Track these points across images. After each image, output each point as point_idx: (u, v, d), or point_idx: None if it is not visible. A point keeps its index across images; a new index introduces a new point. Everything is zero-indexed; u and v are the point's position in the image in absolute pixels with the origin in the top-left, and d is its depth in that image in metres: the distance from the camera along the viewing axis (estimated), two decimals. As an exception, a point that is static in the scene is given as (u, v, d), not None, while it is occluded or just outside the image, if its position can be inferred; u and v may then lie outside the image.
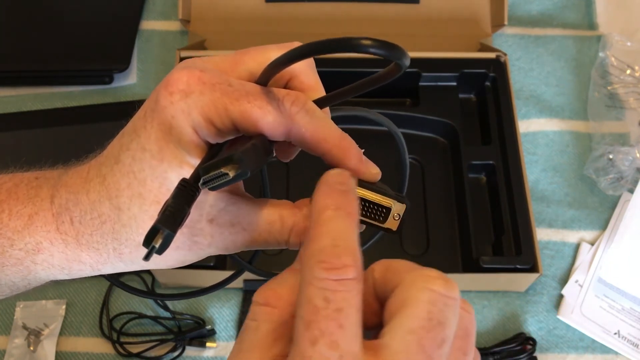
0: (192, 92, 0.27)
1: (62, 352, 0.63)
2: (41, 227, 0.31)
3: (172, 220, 0.24)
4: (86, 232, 0.31)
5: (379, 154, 0.36)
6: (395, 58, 0.23)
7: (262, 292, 0.25)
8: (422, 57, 0.73)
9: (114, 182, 0.29)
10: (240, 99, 0.27)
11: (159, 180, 0.28)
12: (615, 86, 0.77)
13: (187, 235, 0.29)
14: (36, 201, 0.31)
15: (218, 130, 0.27)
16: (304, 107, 0.28)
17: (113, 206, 0.29)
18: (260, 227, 0.30)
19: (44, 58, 0.78)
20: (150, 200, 0.28)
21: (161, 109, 0.27)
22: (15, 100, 0.77)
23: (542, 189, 0.72)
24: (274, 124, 0.27)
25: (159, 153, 0.28)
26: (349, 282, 0.22)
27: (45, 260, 0.32)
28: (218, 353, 0.63)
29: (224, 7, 0.79)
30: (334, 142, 0.28)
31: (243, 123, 0.27)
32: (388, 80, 0.26)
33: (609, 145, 0.72)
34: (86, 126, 0.73)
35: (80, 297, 0.66)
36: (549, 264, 0.68)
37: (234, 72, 0.29)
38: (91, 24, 0.81)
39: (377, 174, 0.29)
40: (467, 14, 0.79)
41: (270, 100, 0.27)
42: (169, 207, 0.25)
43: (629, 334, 0.64)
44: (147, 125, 0.28)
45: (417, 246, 0.67)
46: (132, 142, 0.28)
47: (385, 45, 0.23)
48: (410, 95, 0.75)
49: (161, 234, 0.24)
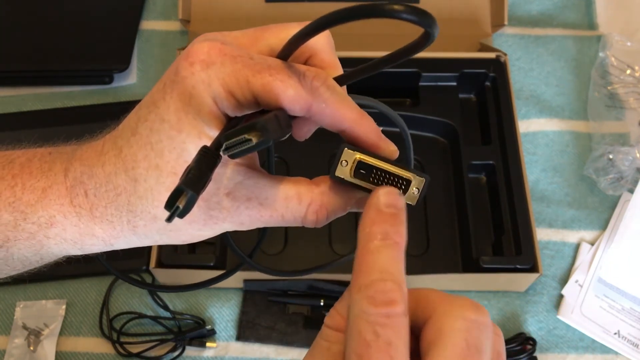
0: (214, 63, 0.27)
1: (62, 352, 0.63)
2: (55, 200, 0.31)
3: (197, 181, 0.24)
4: (100, 205, 0.30)
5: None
6: (426, 25, 0.23)
7: (333, 317, 0.26)
8: (422, 57, 0.73)
9: (131, 154, 0.29)
10: (262, 72, 0.26)
11: (177, 151, 0.28)
12: (615, 86, 0.77)
13: (204, 209, 0.29)
14: (50, 175, 0.31)
15: (238, 103, 0.27)
16: (325, 83, 0.28)
17: (129, 178, 0.29)
18: (277, 202, 0.30)
19: (44, 58, 0.78)
20: (167, 172, 0.28)
21: (181, 79, 0.27)
22: (15, 100, 0.77)
23: (542, 189, 0.72)
24: (296, 97, 0.27)
25: (177, 123, 0.27)
26: (397, 317, 0.23)
27: (58, 234, 0.32)
28: (218, 353, 0.63)
29: (224, 7, 0.79)
30: (354, 118, 0.28)
31: (264, 96, 0.27)
32: (419, 50, 0.25)
33: (609, 145, 0.72)
34: (86, 126, 0.72)
35: (80, 297, 0.66)
36: (549, 264, 0.68)
37: (254, 47, 0.29)
38: (91, 24, 0.81)
39: (395, 152, 0.29)
40: (467, 14, 0.79)
41: (292, 74, 0.27)
42: (192, 169, 0.24)
43: (629, 334, 0.64)
44: (166, 96, 0.28)
45: (417, 246, 0.67)
46: (151, 113, 0.28)
47: (416, 11, 0.22)
48: (410, 95, 0.75)
49: (185, 196, 0.24)
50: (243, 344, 0.63)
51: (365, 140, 0.29)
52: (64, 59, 0.78)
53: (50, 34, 0.80)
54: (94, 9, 0.82)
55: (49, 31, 0.80)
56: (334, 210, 0.30)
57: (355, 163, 0.28)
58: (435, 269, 0.65)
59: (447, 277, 0.64)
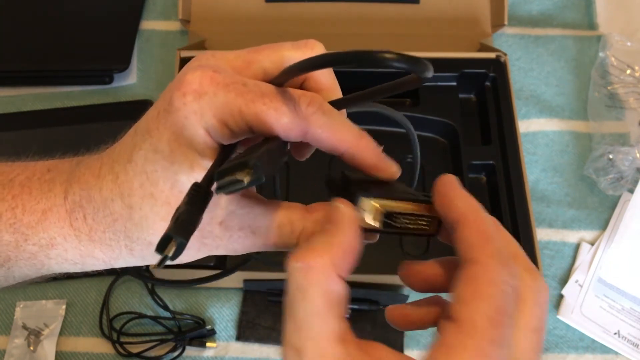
0: (206, 93, 0.26)
1: (62, 352, 0.63)
2: (55, 222, 0.31)
3: (185, 228, 0.24)
4: (99, 229, 0.31)
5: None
6: (419, 72, 0.23)
7: (300, 254, 0.24)
8: (422, 57, 0.73)
9: (127, 181, 0.29)
10: (255, 101, 0.26)
11: (171, 182, 0.28)
12: (615, 86, 0.77)
13: (197, 237, 0.29)
14: (50, 196, 0.31)
15: (232, 132, 0.27)
16: (320, 108, 0.27)
17: (125, 205, 0.29)
18: (269, 231, 0.30)
19: (44, 58, 0.78)
20: (161, 201, 0.28)
21: (174, 110, 0.27)
22: (15, 100, 0.77)
23: (542, 189, 0.72)
24: (290, 125, 0.27)
25: (170, 155, 0.27)
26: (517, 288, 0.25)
27: (59, 255, 0.32)
28: (218, 353, 0.63)
29: (224, 7, 0.79)
30: (351, 141, 0.28)
31: (258, 125, 0.27)
32: (408, 89, 0.26)
33: (609, 145, 0.72)
34: (86, 126, 0.73)
35: (80, 297, 0.66)
36: (549, 264, 0.68)
37: (248, 71, 0.29)
38: (91, 24, 0.81)
39: (396, 173, 0.29)
40: (467, 14, 0.79)
41: (285, 102, 0.27)
42: (181, 214, 0.24)
43: (629, 334, 0.64)
44: (159, 126, 0.28)
45: (417, 246, 0.67)
46: (145, 142, 0.28)
47: (410, 60, 0.22)
48: (410, 95, 0.75)
49: (174, 243, 0.24)
50: (243, 344, 0.63)
51: (365, 163, 0.28)
52: (64, 59, 0.78)
53: (50, 34, 0.80)
54: (94, 9, 0.82)
55: (49, 31, 0.80)
56: None
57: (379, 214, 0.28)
58: (435, 269, 0.65)
59: (447, 277, 0.64)
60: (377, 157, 0.29)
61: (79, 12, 0.82)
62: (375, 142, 0.29)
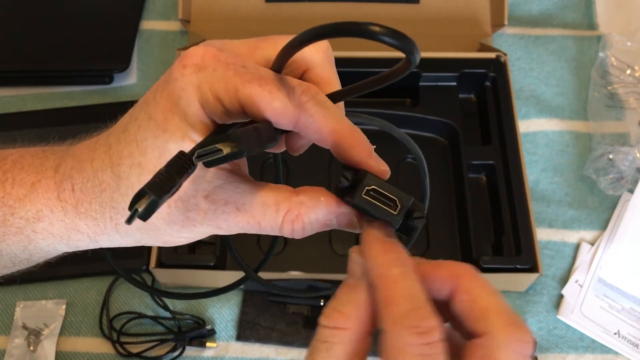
0: (205, 68, 0.27)
1: (62, 352, 0.63)
2: (42, 194, 0.31)
3: (160, 186, 0.24)
4: (85, 200, 0.31)
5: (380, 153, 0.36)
6: (405, 50, 0.23)
7: (329, 315, 0.26)
8: (422, 57, 0.73)
9: (118, 151, 0.29)
10: (251, 81, 0.27)
11: (159, 150, 0.28)
12: (615, 86, 0.77)
13: (182, 210, 0.29)
14: (41, 170, 0.32)
15: (225, 110, 0.27)
16: (314, 98, 0.27)
17: (114, 174, 0.29)
18: (254, 209, 0.29)
19: (44, 58, 0.78)
20: (148, 170, 0.28)
21: (172, 80, 0.27)
22: (15, 100, 0.77)
23: (542, 189, 0.72)
24: (281, 111, 0.27)
25: (163, 122, 0.28)
26: (439, 344, 0.23)
27: (45, 229, 0.32)
28: (218, 353, 0.63)
29: (224, 7, 0.79)
30: (343, 133, 0.28)
31: (251, 106, 0.27)
32: (400, 76, 0.25)
33: (609, 145, 0.72)
34: (86, 126, 0.73)
35: (80, 297, 0.66)
36: (549, 264, 0.68)
37: (251, 57, 0.29)
38: (91, 24, 0.81)
39: (387, 172, 0.29)
40: (467, 14, 0.79)
41: (281, 87, 0.27)
42: (159, 174, 0.24)
43: (629, 334, 0.64)
44: (157, 95, 0.28)
45: (417, 246, 0.67)
46: (141, 111, 0.29)
47: (396, 35, 0.22)
48: (410, 95, 0.75)
49: (146, 199, 0.23)
50: (243, 344, 0.63)
51: (355, 157, 0.28)
52: (64, 59, 0.78)
53: (50, 34, 0.80)
54: (94, 9, 0.82)
55: (49, 31, 0.80)
56: (311, 222, 0.29)
57: None
58: (435, 269, 0.65)
59: (447, 277, 0.64)
60: (368, 153, 0.28)
61: (79, 12, 0.82)
62: (367, 139, 0.28)
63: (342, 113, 0.29)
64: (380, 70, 0.27)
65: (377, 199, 0.27)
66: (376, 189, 0.27)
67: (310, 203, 0.29)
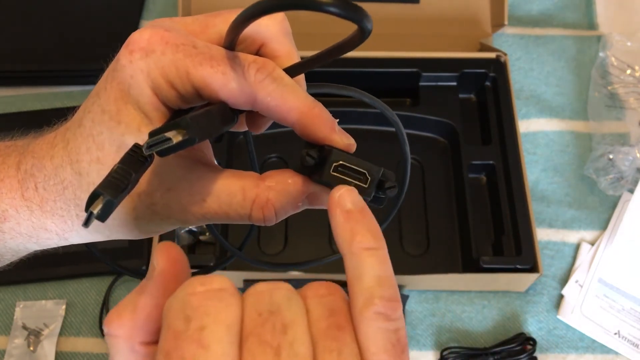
0: (153, 52, 0.25)
1: (62, 352, 0.63)
2: (6, 194, 0.30)
3: (114, 185, 0.23)
4: (50, 199, 0.30)
5: (380, 152, 0.36)
6: (355, 19, 0.21)
7: (108, 318, 0.22)
8: (422, 57, 0.73)
9: (76, 147, 0.28)
10: (203, 63, 0.25)
11: (117, 144, 0.26)
12: (615, 86, 0.77)
13: (146, 205, 0.28)
14: (2, 168, 0.30)
15: (179, 95, 0.26)
16: (270, 75, 0.26)
17: (74, 171, 0.28)
18: (220, 198, 0.28)
19: (44, 58, 0.78)
20: (107, 165, 0.27)
21: (120, 67, 0.26)
22: (15, 100, 0.77)
23: (542, 189, 0.72)
24: (237, 91, 0.26)
25: (117, 114, 0.26)
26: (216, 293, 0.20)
27: (13, 228, 0.31)
28: (218, 353, 0.63)
29: (224, 7, 0.79)
30: (302, 110, 0.26)
31: (205, 89, 0.26)
32: (353, 47, 0.24)
33: (609, 145, 0.72)
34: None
35: (80, 297, 0.66)
36: (549, 264, 0.68)
37: (204, 35, 0.28)
38: (91, 24, 0.81)
39: (352, 145, 0.27)
40: (467, 14, 0.79)
41: (234, 66, 0.26)
42: (113, 172, 0.23)
43: (629, 334, 0.64)
44: (107, 85, 0.27)
45: (417, 246, 0.67)
46: (94, 104, 0.27)
47: (344, 5, 0.21)
48: (410, 95, 0.75)
49: (101, 200, 0.23)
50: (243, 344, 0.63)
51: (318, 134, 0.27)
52: (64, 59, 0.78)
53: (50, 33, 0.80)
54: (94, 8, 0.82)
55: (48, 31, 0.80)
56: (283, 206, 0.28)
57: None
58: (435, 269, 0.65)
59: (447, 277, 0.64)
60: (331, 128, 0.27)
61: (79, 12, 0.82)
62: (329, 113, 0.27)
63: (301, 88, 0.27)
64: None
65: (346, 174, 0.26)
66: (344, 164, 0.26)
67: (279, 187, 0.27)
